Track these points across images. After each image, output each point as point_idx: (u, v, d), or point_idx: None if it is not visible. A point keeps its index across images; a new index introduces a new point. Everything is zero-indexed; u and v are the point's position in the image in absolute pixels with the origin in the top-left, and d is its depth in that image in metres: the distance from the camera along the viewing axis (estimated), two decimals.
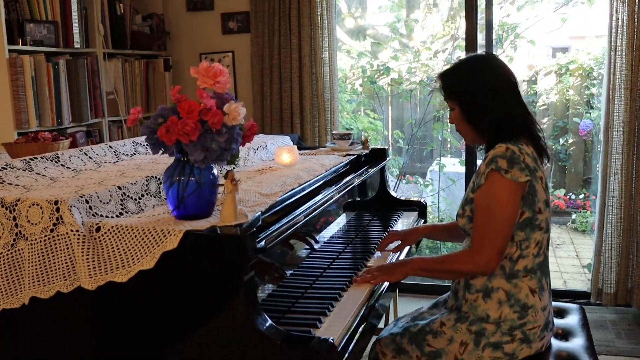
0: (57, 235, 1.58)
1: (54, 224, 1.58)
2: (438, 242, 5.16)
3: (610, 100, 3.63)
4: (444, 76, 2.12)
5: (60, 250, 1.58)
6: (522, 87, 6.47)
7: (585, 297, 3.98)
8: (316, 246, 2.24)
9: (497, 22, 5.39)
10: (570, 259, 5.65)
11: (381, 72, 5.58)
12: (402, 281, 2.17)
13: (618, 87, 3.59)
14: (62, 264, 1.58)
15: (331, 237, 2.40)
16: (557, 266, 5.43)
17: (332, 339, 1.49)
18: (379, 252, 2.42)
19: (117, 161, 2.28)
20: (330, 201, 2.18)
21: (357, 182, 2.54)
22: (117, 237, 1.54)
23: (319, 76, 4.12)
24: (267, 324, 1.49)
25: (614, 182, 3.68)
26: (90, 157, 2.21)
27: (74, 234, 1.55)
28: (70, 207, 1.57)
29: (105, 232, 1.55)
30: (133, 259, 1.52)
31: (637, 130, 3.60)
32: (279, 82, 4.20)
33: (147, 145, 2.48)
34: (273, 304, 1.76)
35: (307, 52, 4.09)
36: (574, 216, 6.35)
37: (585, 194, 6.34)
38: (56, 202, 1.58)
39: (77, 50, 3.60)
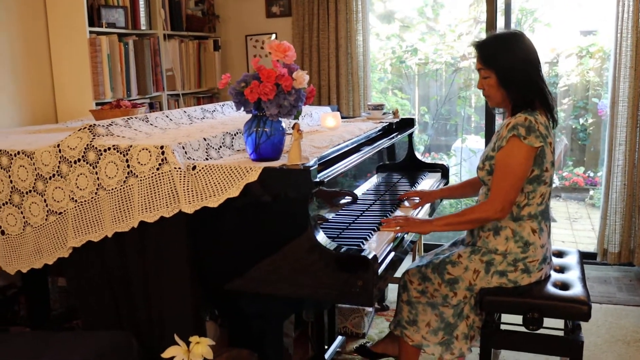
0: (162, 173, 2.04)
1: (160, 164, 2.05)
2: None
3: (616, 78, 4.00)
4: (482, 45, 2.43)
5: (164, 184, 2.04)
6: (544, 69, 6.77)
7: (592, 257, 4.37)
8: (356, 194, 2.71)
9: (517, 7, 5.74)
10: (586, 231, 5.96)
11: (410, 52, 5.96)
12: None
13: (624, 66, 3.95)
14: (166, 194, 2.04)
15: (368, 189, 2.87)
16: (573, 237, 5.75)
17: (375, 253, 1.95)
18: (406, 202, 2.86)
19: (191, 123, 2.75)
20: (368, 155, 2.63)
21: (388, 143, 2.99)
22: (209, 173, 2.01)
23: (354, 56, 4.54)
24: (326, 239, 1.96)
25: (618, 152, 4.05)
26: (170, 119, 2.69)
27: (176, 171, 2.02)
28: (173, 150, 2.04)
29: (200, 170, 2.03)
30: (222, 189, 1.99)
31: None
32: (317, 62, 4.64)
33: (212, 111, 2.96)
34: (326, 232, 2.22)
35: (343, 34, 4.52)
36: (591, 192, 6.62)
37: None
38: (162, 147, 2.05)
39: (143, 32, 4.08)
